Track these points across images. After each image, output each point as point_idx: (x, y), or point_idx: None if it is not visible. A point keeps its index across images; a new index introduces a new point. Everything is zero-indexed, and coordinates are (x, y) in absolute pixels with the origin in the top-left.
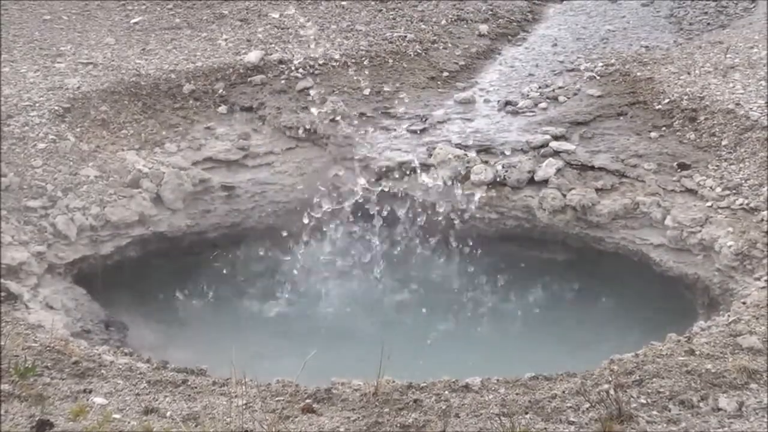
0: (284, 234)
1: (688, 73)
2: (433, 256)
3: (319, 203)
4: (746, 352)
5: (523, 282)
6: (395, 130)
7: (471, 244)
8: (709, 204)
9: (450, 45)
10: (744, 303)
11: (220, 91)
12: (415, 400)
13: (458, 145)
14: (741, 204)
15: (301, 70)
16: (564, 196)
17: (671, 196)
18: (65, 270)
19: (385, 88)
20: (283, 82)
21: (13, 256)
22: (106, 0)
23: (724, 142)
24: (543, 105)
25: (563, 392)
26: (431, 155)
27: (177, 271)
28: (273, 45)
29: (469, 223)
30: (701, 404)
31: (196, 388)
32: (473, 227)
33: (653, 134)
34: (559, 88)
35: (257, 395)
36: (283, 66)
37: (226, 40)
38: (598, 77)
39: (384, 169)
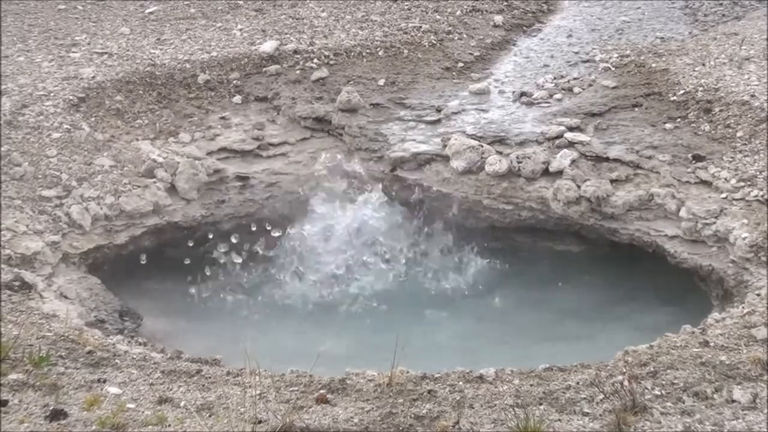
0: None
1: (703, 65)
2: (446, 247)
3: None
4: (761, 344)
5: (537, 273)
6: (410, 120)
7: (485, 235)
8: (723, 195)
9: (465, 36)
10: (758, 295)
11: (235, 81)
12: (429, 391)
13: (473, 136)
14: (756, 196)
15: (316, 60)
16: (579, 187)
17: (686, 187)
18: (79, 259)
19: (400, 79)
20: (298, 72)
21: (27, 246)
22: None
23: (738, 134)
24: (558, 96)
25: (577, 383)
26: (446, 146)
27: (191, 261)
28: (288, 35)
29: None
30: (715, 396)
31: (210, 378)
32: (487, 218)
33: (668, 125)
34: (574, 79)
35: (271, 385)
36: (298, 56)
37: (241, 30)
38: (613, 68)
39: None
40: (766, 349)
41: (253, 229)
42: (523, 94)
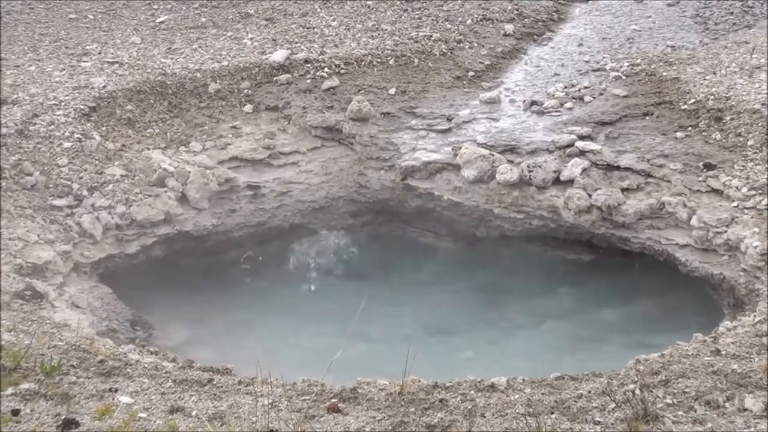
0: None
1: (714, 73)
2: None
3: None
4: None
5: (548, 282)
6: (421, 129)
7: (496, 244)
8: (735, 204)
9: (476, 44)
10: None
11: (246, 90)
12: (441, 400)
13: (484, 145)
14: (767, 204)
15: (326, 69)
16: (590, 196)
17: (697, 196)
18: (91, 269)
19: (411, 88)
20: (308, 81)
21: (39, 255)
22: None
23: (750, 143)
24: (569, 105)
25: (589, 392)
26: (457, 155)
27: (202, 270)
28: (299, 44)
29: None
30: (727, 404)
31: (221, 387)
32: (498, 227)
33: (679, 134)
34: (585, 87)
35: (283, 394)
36: (309, 65)
37: (251, 39)
38: (623, 77)
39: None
40: None
41: None
42: (533, 103)
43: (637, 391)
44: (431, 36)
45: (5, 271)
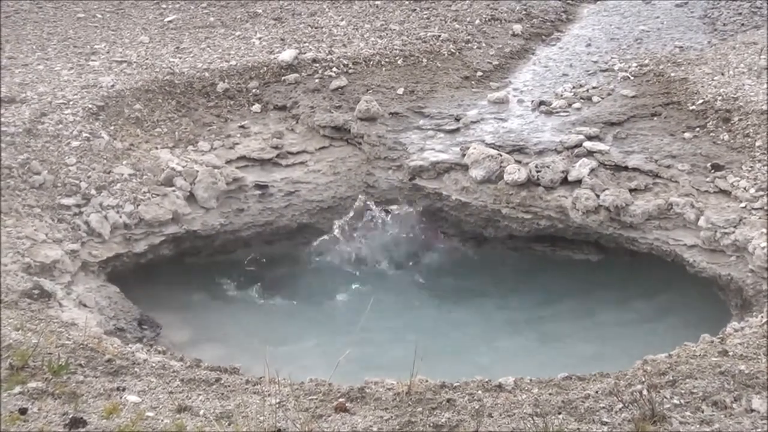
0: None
1: (722, 74)
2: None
3: None
4: None
5: (556, 282)
6: (429, 129)
7: (504, 244)
8: (742, 205)
9: (484, 45)
10: None
11: (254, 89)
12: (448, 400)
13: (492, 145)
14: None
15: (334, 68)
16: (598, 196)
17: (705, 196)
18: (99, 268)
19: (419, 88)
20: (317, 80)
21: (47, 254)
22: None
23: (758, 143)
24: (577, 105)
25: (596, 392)
26: (465, 155)
27: (210, 270)
28: (307, 44)
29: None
30: (734, 405)
31: (229, 386)
32: (506, 227)
33: (687, 135)
34: (593, 88)
35: (290, 394)
36: (317, 65)
37: (260, 38)
38: (632, 77)
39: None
40: None
41: None
42: (542, 103)
43: (645, 392)
44: (439, 36)
45: (13, 270)
